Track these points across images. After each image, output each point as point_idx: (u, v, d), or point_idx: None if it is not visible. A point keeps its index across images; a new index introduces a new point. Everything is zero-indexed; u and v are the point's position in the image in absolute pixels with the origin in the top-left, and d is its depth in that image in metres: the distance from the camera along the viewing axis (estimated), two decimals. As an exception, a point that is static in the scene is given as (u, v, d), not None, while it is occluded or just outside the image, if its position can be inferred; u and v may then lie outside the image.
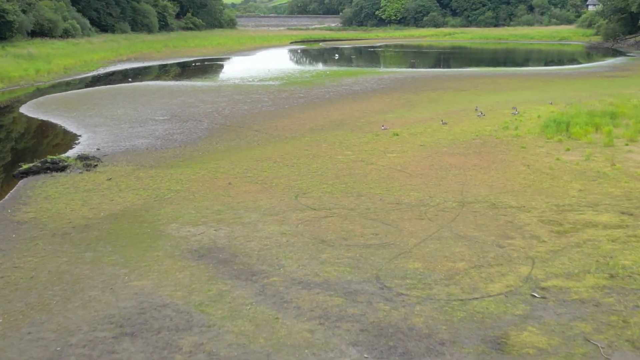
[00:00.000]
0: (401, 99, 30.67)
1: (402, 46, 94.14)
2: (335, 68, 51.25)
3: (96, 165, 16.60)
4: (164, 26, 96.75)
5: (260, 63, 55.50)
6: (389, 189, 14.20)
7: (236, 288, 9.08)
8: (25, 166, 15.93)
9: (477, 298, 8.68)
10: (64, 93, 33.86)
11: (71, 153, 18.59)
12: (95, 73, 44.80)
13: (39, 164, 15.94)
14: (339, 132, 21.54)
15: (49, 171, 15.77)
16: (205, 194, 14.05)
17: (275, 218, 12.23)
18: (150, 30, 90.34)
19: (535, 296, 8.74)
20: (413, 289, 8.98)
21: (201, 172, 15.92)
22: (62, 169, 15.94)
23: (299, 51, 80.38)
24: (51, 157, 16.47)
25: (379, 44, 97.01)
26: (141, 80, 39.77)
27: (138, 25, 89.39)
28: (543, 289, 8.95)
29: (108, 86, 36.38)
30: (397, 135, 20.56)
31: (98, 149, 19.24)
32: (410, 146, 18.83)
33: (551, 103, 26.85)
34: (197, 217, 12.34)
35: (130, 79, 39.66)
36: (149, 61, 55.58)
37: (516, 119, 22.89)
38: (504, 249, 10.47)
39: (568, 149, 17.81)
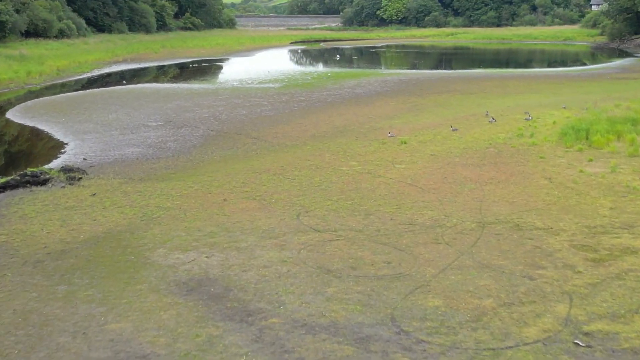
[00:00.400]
0: (407, 102, 29.42)
1: (404, 46, 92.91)
2: (337, 69, 50.03)
3: (80, 178, 15.35)
4: (162, 26, 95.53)
5: (260, 64, 54.27)
6: (400, 207, 12.96)
7: (229, 333, 7.84)
8: (2, 180, 14.68)
9: (511, 347, 7.43)
10: (54, 96, 32.62)
11: (55, 164, 17.36)
12: (89, 75, 43.56)
13: (18, 178, 14.70)
14: (343, 139, 20.30)
15: (28, 185, 14.53)
16: (198, 212, 12.80)
17: (275, 242, 10.99)
18: (148, 31, 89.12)
19: (579, 344, 7.49)
20: (435, 335, 7.73)
21: (194, 187, 14.68)
22: (43, 182, 14.69)
23: (299, 52, 79.21)
24: (31, 169, 15.21)
25: (380, 45, 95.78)
26: (136, 83, 38.53)
27: (135, 25, 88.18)
28: (586, 334, 7.70)
29: (101, 89, 35.15)
30: (405, 143, 19.32)
31: (84, 159, 18.01)
32: (420, 156, 17.59)
33: (565, 107, 25.59)
34: (187, 241, 11.09)
35: (124, 81, 38.43)
36: (146, 62, 54.35)
37: (530, 125, 21.64)
38: (535, 281, 9.23)
39: (591, 160, 16.55)
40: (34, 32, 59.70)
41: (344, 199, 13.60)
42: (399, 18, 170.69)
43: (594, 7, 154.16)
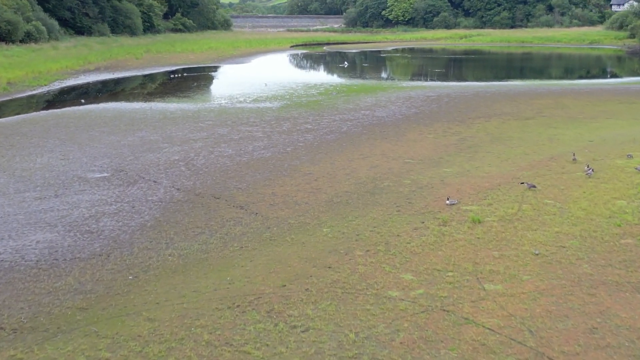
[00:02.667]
0: (449, 134, 22.40)
1: (415, 50, 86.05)
2: (346, 81, 43.00)
3: None
4: (150, 28, 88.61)
5: (256, 73, 47.29)
6: None
7: None
8: None
9: None
10: (-14, 122, 25.59)
11: None
12: (46, 89, 36.46)
13: None
14: (377, 212, 13.28)
15: None
16: None
17: None
18: (133, 33, 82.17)
19: None
20: None
21: None
22: None
23: (300, 57, 72.26)
24: None
25: (389, 48, 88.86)
26: (99, 102, 31.45)
27: (119, 26, 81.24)
28: None
29: (49, 112, 28.05)
30: (479, 222, 12.32)
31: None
32: (516, 259, 10.56)
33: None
34: None
35: (83, 100, 31.32)
36: (122, 71, 47.32)
37: (656, 183, 14.66)
38: None
39: None
40: (-4, 35, 52.83)
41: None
42: (406, 19, 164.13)
43: (614, 7, 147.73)
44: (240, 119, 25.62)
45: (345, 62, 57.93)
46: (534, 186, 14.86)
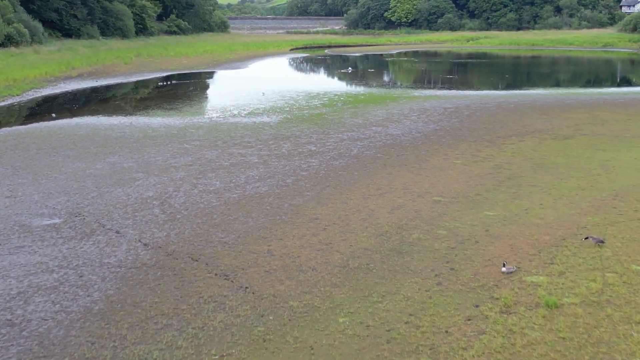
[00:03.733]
0: (479, 157, 18.97)
1: (421, 54, 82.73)
2: (351, 89, 39.64)
3: None
4: (142, 30, 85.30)
5: (253, 81, 43.90)
6: None
7: None
8: None
9: None
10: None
11: None
12: (17, 100, 32.96)
13: None
14: (410, 285, 9.84)
15: None
16: None
17: None
18: (124, 35, 78.87)
19: None
20: None
21: None
22: None
23: (301, 61, 68.87)
24: None
25: (394, 51, 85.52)
26: (73, 116, 28.00)
27: (110, 29, 77.95)
28: None
29: (11, 129, 24.47)
30: (556, 308, 8.90)
31: None
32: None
33: None
34: None
35: (54, 114, 27.86)
36: (108, 78, 43.90)
37: None
38: None
39: None
40: (-27, 38, 49.46)
41: None
42: (409, 20, 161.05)
43: (624, 9, 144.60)
44: (232, 138, 22.19)
45: (349, 68, 54.55)
46: (602, 242, 11.47)
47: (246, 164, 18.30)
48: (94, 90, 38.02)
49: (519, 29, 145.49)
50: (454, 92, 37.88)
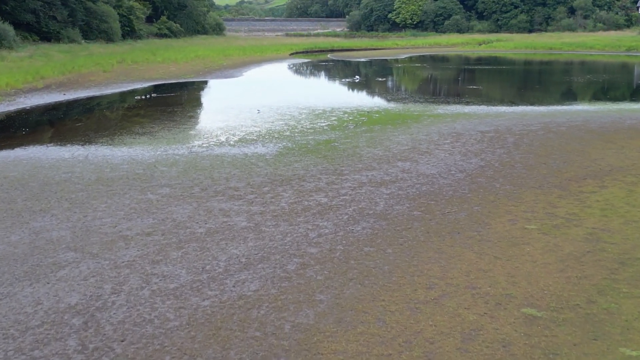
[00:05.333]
0: (558, 218, 13.57)
1: (432, 59, 77.51)
2: (362, 103, 34.27)
3: None
4: (130, 33, 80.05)
5: (248, 92, 38.63)
6: None
7: None
8: None
9: None
10: None
11: None
12: (-43, 120, 27.66)
13: None
14: None
15: None
16: None
17: None
18: (110, 39, 73.60)
19: None
20: None
21: None
22: None
23: (302, 68, 63.56)
24: None
25: (402, 56, 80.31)
26: (15, 144, 22.55)
27: (94, 31, 72.66)
28: None
29: None
30: None
31: None
32: None
33: None
34: None
35: (-9, 144, 22.53)
36: (79, 90, 38.58)
37: None
38: None
39: None
40: None
41: None
42: (414, 22, 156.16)
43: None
44: (215, 182, 16.84)
45: (356, 76, 49.28)
46: None
47: (229, 232, 12.93)
48: (56, 107, 32.54)
49: (530, 31, 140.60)
50: (484, 108, 32.58)
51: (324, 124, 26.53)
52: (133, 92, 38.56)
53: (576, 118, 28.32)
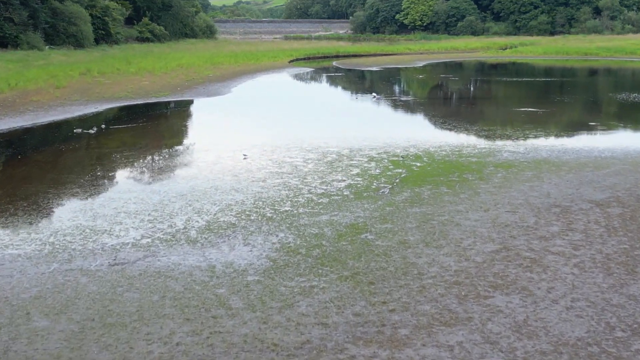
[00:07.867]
0: None
1: (456, 67, 68.68)
2: (393, 141, 25.03)
3: None
4: (105, 37, 71.18)
5: (234, 122, 29.74)
6: None
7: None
8: None
9: None
10: None
11: None
12: None
13: None
14: None
15: None
16: None
17: None
18: (79, 44, 64.74)
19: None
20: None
21: None
22: None
23: (304, 80, 54.51)
24: None
25: (420, 63, 71.47)
26: None
27: (60, 35, 63.80)
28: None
29: None
30: None
31: None
32: None
33: None
34: None
35: None
36: (9, 116, 29.59)
37: None
38: None
39: None
40: None
41: None
42: (424, 24, 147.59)
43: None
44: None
45: (374, 94, 40.30)
46: None
47: None
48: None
49: (552, 33, 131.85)
50: (568, 147, 23.45)
51: (342, 185, 17.57)
52: (77, 121, 29.37)
53: None
